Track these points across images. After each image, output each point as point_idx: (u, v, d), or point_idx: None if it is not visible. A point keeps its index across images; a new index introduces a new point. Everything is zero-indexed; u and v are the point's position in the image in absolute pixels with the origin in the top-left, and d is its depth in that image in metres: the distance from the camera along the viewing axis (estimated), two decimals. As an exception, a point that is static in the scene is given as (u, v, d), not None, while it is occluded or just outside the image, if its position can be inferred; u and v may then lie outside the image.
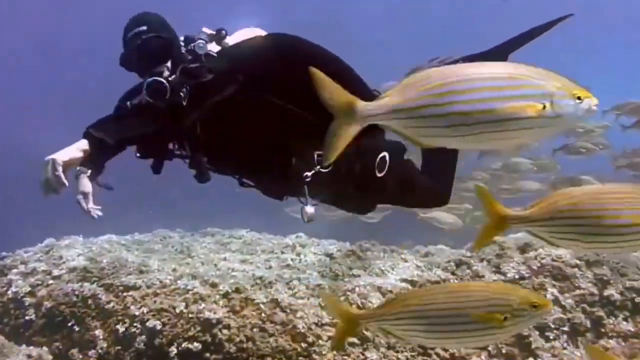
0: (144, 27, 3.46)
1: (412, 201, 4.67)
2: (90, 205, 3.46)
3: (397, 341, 4.87)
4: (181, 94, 3.38)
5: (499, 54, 4.38)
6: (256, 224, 8.17)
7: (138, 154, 3.72)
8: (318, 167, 3.67)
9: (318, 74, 2.37)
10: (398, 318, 2.86)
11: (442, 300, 2.78)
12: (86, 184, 3.49)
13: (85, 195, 3.45)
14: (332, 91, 2.36)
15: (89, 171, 3.54)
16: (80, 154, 3.52)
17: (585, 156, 9.42)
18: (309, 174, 3.67)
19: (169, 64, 3.47)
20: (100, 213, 3.49)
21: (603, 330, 4.91)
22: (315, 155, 3.67)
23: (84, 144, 3.57)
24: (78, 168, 3.54)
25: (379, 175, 3.90)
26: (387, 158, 3.94)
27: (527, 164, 9.78)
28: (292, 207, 8.79)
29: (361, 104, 2.32)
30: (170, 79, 3.39)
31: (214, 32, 3.62)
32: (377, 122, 2.31)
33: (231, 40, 3.69)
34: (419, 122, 2.22)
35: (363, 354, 4.78)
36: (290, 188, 3.86)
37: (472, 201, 9.59)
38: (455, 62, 4.62)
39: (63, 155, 3.42)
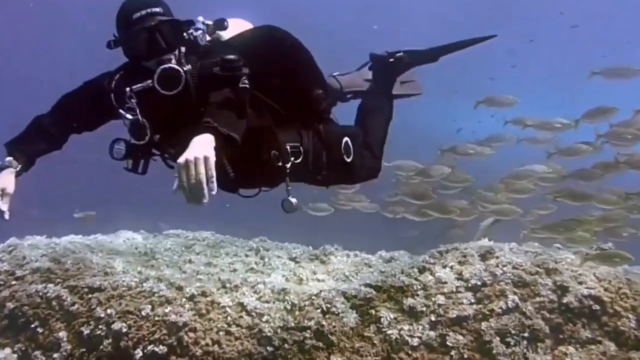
0: (158, 9, 3.41)
1: (364, 176, 4.74)
2: (5, 205, 3.31)
3: (362, 346, 4.96)
4: (192, 84, 3.39)
5: (433, 54, 4.70)
6: (219, 226, 8.18)
7: (120, 153, 3.60)
8: (292, 158, 3.78)
9: None
10: None
11: None
12: (10, 181, 3.38)
13: (5, 193, 3.32)
14: None
15: (19, 165, 3.47)
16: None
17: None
18: (288, 165, 3.76)
19: (176, 51, 3.44)
20: (7, 217, 3.30)
21: (562, 336, 5.03)
22: (289, 148, 3.78)
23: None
24: (7, 159, 3.46)
25: (347, 160, 4.12)
26: (350, 143, 4.15)
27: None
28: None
29: None
30: (185, 68, 3.38)
31: (211, 23, 3.66)
32: None
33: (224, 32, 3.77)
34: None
35: (328, 358, 4.84)
36: (268, 180, 3.93)
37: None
38: (398, 55, 4.83)
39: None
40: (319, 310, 5.24)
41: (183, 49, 3.48)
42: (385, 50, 4.97)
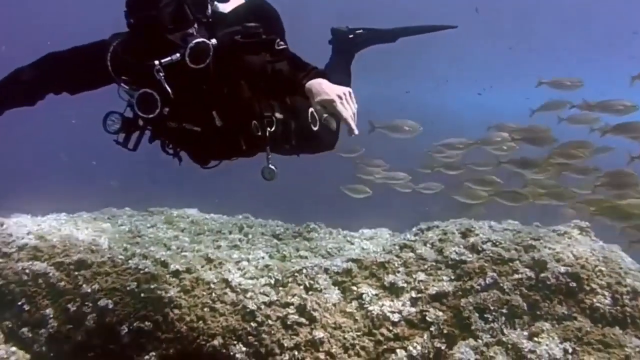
0: None
1: (326, 146, 4.85)
2: None
3: (344, 321, 5.06)
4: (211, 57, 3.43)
5: (393, 35, 4.81)
6: (201, 203, 8.22)
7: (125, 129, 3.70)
8: (268, 128, 3.86)
9: None
10: None
11: None
12: None
13: None
14: None
15: None
16: None
17: None
18: (267, 135, 3.86)
19: (195, 25, 3.48)
20: None
21: (539, 312, 5.13)
22: (265, 118, 3.88)
23: None
24: None
25: (314, 129, 4.26)
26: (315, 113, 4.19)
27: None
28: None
29: None
30: (212, 42, 3.41)
31: None
32: None
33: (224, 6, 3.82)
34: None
35: (311, 334, 4.93)
36: (247, 150, 4.00)
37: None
38: (358, 32, 4.91)
39: None
40: (301, 287, 5.34)
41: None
42: (347, 26, 5.06)
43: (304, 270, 5.50)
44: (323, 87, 3.10)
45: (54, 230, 5.96)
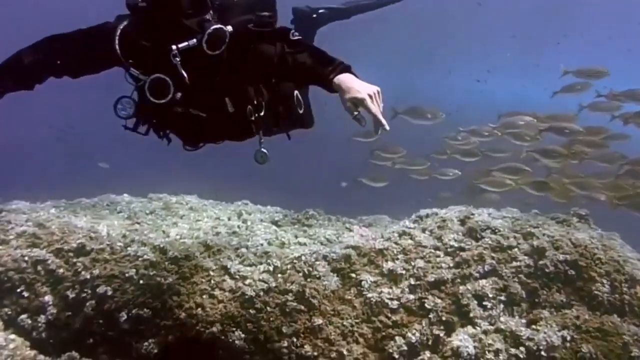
0: None
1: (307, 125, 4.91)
2: None
3: (343, 308, 5.06)
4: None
5: (348, 12, 4.89)
6: (200, 190, 8.22)
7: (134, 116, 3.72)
8: (257, 113, 3.91)
9: None
10: None
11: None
12: None
13: None
14: None
15: None
16: None
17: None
18: (260, 119, 3.93)
19: (211, 11, 3.50)
20: None
21: (537, 300, 5.15)
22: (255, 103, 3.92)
23: None
24: None
25: (300, 112, 4.37)
26: (300, 96, 4.38)
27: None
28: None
29: None
30: (228, 28, 3.44)
31: None
32: None
33: None
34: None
35: (310, 320, 4.94)
36: (242, 133, 4.05)
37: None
38: (321, 11, 4.97)
39: None
40: (300, 274, 5.33)
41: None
42: (307, 6, 5.12)
43: (303, 257, 5.49)
44: (354, 85, 3.19)
45: (52, 217, 5.93)
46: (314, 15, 5.11)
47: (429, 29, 24.57)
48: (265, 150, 3.99)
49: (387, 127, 3.15)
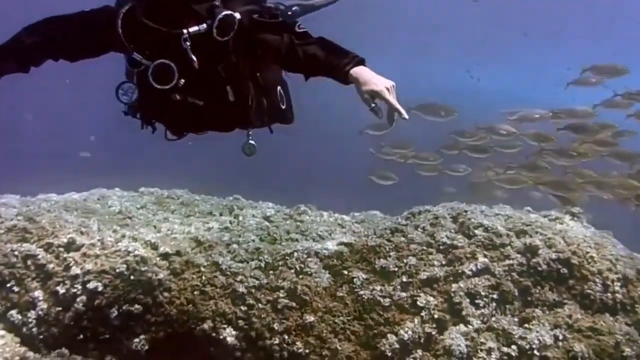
0: None
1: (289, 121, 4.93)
2: None
3: (334, 306, 5.05)
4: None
5: (316, 6, 4.96)
6: (192, 185, 8.19)
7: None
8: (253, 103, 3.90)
9: None
10: None
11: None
12: None
13: None
14: None
15: None
16: None
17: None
18: (250, 110, 3.89)
19: None
20: None
21: (529, 299, 5.14)
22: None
23: None
24: None
25: (282, 107, 4.31)
26: (282, 91, 4.34)
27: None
28: None
29: None
30: (236, 14, 3.41)
31: None
32: None
33: None
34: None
35: (301, 317, 4.93)
36: (235, 124, 4.01)
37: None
38: (294, 8, 4.99)
39: None
40: (292, 270, 5.31)
41: None
42: (280, 3, 5.17)
43: (295, 254, 5.47)
44: (371, 78, 3.22)
45: (42, 212, 5.89)
46: (289, 13, 5.14)
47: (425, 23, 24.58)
48: (253, 142, 3.99)
49: (406, 116, 3.18)
